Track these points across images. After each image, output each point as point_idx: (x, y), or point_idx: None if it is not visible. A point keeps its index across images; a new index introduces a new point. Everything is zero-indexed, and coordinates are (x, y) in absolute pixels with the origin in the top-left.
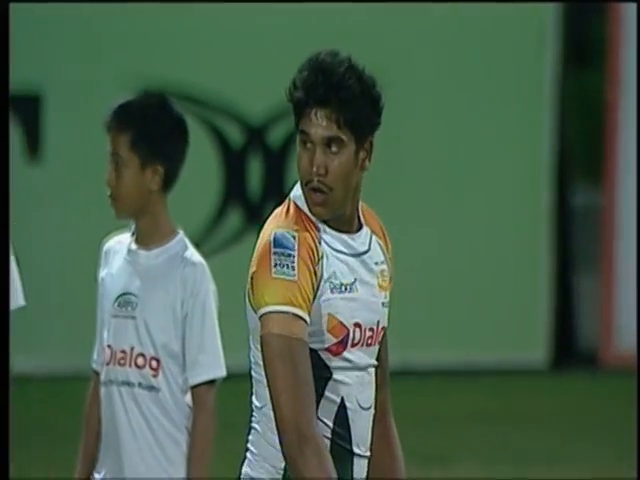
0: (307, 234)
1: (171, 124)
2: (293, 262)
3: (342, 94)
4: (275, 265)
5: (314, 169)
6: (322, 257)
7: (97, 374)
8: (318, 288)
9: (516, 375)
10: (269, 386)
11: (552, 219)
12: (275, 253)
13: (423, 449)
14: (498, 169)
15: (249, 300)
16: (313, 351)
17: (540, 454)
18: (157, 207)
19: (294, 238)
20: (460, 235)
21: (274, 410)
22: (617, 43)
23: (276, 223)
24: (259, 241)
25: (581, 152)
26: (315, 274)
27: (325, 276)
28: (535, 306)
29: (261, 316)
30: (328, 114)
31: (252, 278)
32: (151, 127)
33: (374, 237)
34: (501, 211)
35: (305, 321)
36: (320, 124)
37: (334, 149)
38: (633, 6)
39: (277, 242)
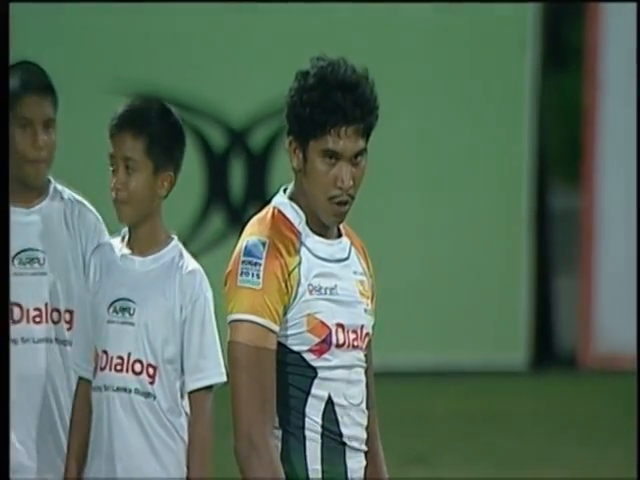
0: (283, 241)
1: (180, 130)
2: (259, 270)
3: (366, 108)
4: (241, 274)
5: (346, 184)
6: (300, 263)
7: (86, 381)
8: (296, 293)
9: (496, 376)
10: (231, 393)
11: (531, 221)
12: (243, 262)
13: (405, 449)
14: (478, 172)
15: None
16: (296, 353)
17: (521, 454)
18: (156, 213)
19: (264, 246)
20: (440, 237)
21: (232, 417)
22: (595, 45)
23: (252, 230)
24: (236, 248)
25: (560, 155)
26: (287, 282)
27: (303, 280)
28: (515, 308)
29: (228, 323)
30: (356, 129)
31: (224, 285)
32: (166, 133)
33: (353, 249)
34: (481, 214)
35: (270, 329)
36: (350, 141)
37: (358, 159)
38: (612, 8)
39: (247, 250)
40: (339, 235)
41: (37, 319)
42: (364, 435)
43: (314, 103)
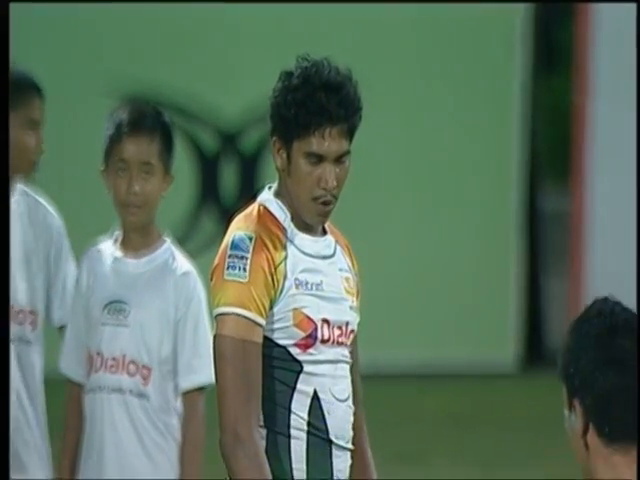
0: (269, 236)
1: (173, 131)
2: (246, 264)
3: (351, 109)
4: (228, 267)
5: (330, 185)
6: (286, 258)
7: (74, 383)
8: (282, 287)
9: (485, 377)
10: (216, 386)
11: (521, 222)
12: (230, 256)
13: (394, 448)
14: (467, 173)
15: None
16: (282, 347)
17: (509, 455)
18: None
19: (250, 240)
20: (430, 238)
21: (218, 410)
22: (585, 46)
23: (238, 225)
24: (222, 243)
25: (550, 156)
26: (273, 276)
27: (290, 275)
28: (504, 308)
29: (215, 317)
30: (340, 130)
31: (210, 280)
32: (169, 135)
33: (338, 247)
34: (471, 215)
35: (256, 322)
36: (334, 142)
37: (342, 160)
38: (602, 9)
39: (233, 244)
40: (324, 233)
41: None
42: (350, 432)
43: (298, 104)
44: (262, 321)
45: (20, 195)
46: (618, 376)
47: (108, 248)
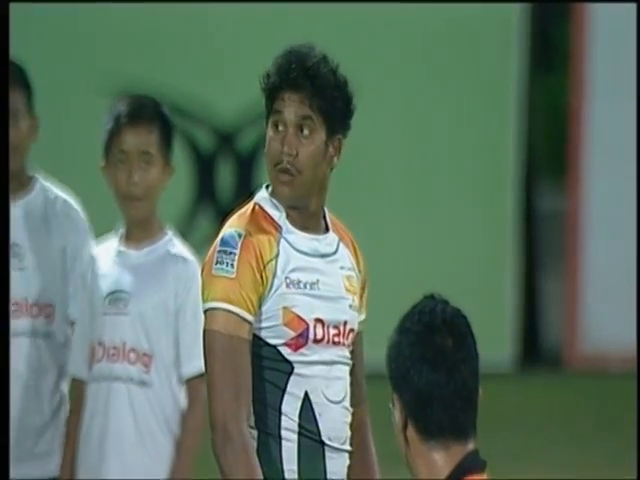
0: (261, 233)
1: (173, 124)
2: (233, 260)
3: (315, 81)
4: (216, 263)
5: (285, 149)
6: (277, 255)
7: (81, 381)
8: (271, 285)
9: (482, 376)
10: (206, 382)
11: (518, 221)
12: (219, 251)
13: (391, 448)
14: (464, 171)
15: None
16: (272, 346)
17: (505, 454)
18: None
19: (240, 237)
20: (426, 237)
21: (208, 407)
22: (582, 46)
23: (230, 223)
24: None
25: (547, 155)
26: (262, 273)
27: (280, 273)
28: (501, 308)
29: (204, 312)
30: (301, 98)
31: (201, 276)
32: (168, 126)
33: (342, 244)
34: (467, 213)
35: (244, 319)
36: (293, 105)
37: (306, 132)
38: (598, 8)
39: (223, 241)
40: (327, 230)
41: (17, 313)
42: (346, 433)
43: (269, 72)
44: (250, 317)
45: (39, 190)
46: (433, 373)
47: (112, 244)
